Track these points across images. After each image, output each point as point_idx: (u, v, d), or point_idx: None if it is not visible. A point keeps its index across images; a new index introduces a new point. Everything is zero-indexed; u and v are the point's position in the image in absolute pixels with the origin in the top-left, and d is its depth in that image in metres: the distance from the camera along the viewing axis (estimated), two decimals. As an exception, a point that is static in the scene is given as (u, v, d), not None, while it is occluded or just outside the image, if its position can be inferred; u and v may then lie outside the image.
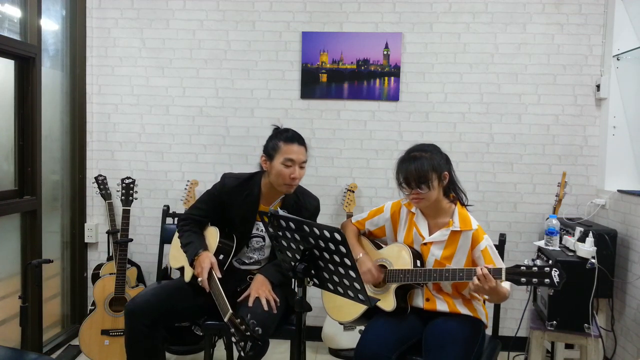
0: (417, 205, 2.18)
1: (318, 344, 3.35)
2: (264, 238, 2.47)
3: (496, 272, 1.91)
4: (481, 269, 1.91)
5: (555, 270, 1.83)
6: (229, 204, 2.43)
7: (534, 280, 1.84)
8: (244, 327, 1.81)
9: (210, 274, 2.24)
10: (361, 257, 2.23)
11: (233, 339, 1.83)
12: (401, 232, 2.27)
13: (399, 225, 2.28)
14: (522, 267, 1.87)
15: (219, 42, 3.45)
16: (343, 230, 2.39)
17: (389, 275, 2.16)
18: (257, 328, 1.85)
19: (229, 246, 2.40)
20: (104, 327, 3.02)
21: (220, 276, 2.24)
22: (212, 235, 2.44)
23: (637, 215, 2.81)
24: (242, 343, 1.80)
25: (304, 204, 2.45)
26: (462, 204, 2.21)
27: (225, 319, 1.97)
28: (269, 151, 2.36)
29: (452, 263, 2.13)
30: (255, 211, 2.43)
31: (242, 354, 1.80)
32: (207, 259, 2.27)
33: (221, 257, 2.36)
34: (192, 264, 2.33)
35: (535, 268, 1.85)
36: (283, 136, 2.35)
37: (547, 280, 1.83)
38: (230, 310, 2.00)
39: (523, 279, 1.86)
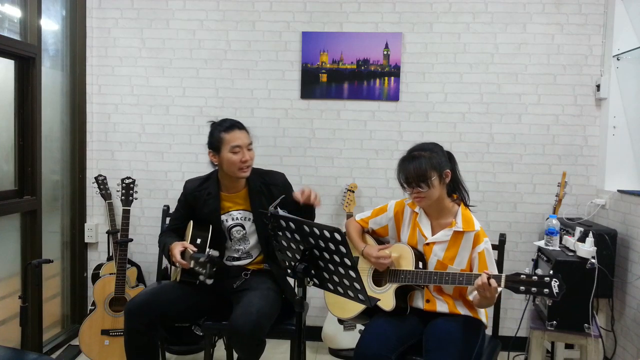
0: (419, 204, 2.18)
1: (318, 344, 3.35)
2: (243, 226, 2.48)
3: (496, 279, 1.90)
4: (481, 279, 1.90)
5: (555, 281, 1.81)
6: (196, 205, 2.50)
7: (533, 289, 1.83)
8: (202, 259, 2.10)
9: (184, 252, 2.26)
10: (365, 249, 2.25)
11: (201, 277, 2.12)
12: (405, 232, 2.27)
13: (402, 224, 2.28)
14: (522, 276, 1.86)
15: (219, 42, 3.45)
16: (347, 227, 2.42)
17: (390, 275, 2.16)
18: (208, 251, 2.13)
19: (204, 233, 2.44)
20: (104, 327, 3.02)
21: (195, 249, 2.28)
22: (188, 228, 2.51)
23: (637, 215, 2.81)
24: (204, 269, 2.09)
25: (271, 181, 2.51)
26: (465, 205, 2.21)
27: (190, 264, 2.17)
28: (214, 145, 2.42)
29: (454, 264, 2.13)
30: (218, 204, 2.47)
31: (207, 280, 2.10)
32: (177, 246, 2.30)
33: (198, 241, 2.41)
34: (167, 258, 2.37)
35: (535, 277, 1.84)
36: (222, 127, 2.41)
37: (546, 290, 1.82)
38: (192, 253, 2.21)
39: (522, 288, 1.85)
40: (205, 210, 2.47)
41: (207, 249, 2.29)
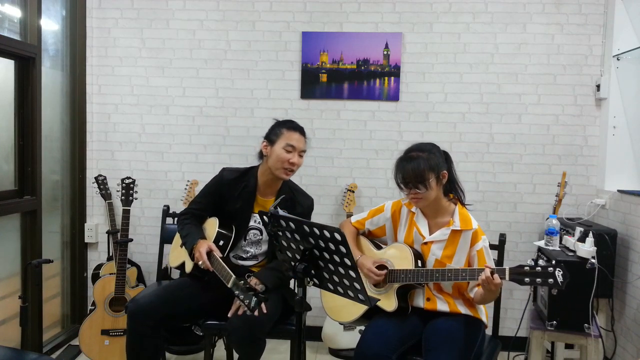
0: (416, 204, 2.18)
1: (318, 344, 3.34)
2: (261, 231, 2.48)
3: (500, 272, 1.91)
4: (484, 274, 1.90)
5: (558, 270, 1.83)
6: (227, 196, 2.47)
7: (538, 280, 1.85)
8: (247, 285, 1.98)
9: (210, 255, 2.27)
10: (360, 259, 2.23)
11: (238, 301, 2.00)
12: (401, 232, 2.27)
13: (399, 224, 2.28)
14: (525, 267, 1.88)
15: (219, 42, 3.45)
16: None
17: (390, 276, 2.16)
18: (259, 285, 2.07)
19: (228, 234, 2.43)
20: (104, 327, 3.02)
21: (221, 255, 2.28)
22: (211, 225, 2.48)
23: (637, 215, 2.81)
24: (247, 301, 1.96)
25: (298, 200, 2.49)
26: (462, 204, 2.21)
27: (230, 285, 2.09)
28: (271, 137, 2.43)
29: (452, 262, 2.14)
30: (252, 202, 2.46)
31: (248, 310, 1.96)
32: (205, 244, 2.30)
33: (221, 243, 2.40)
34: (191, 253, 2.36)
35: (539, 268, 1.85)
36: (286, 125, 2.44)
37: (550, 280, 1.83)
38: (233, 276, 2.09)
39: (527, 279, 1.86)
40: (237, 205, 2.45)
41: (248, 275, 2.25)
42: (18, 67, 2.88)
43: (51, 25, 3.30)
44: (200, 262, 2.27)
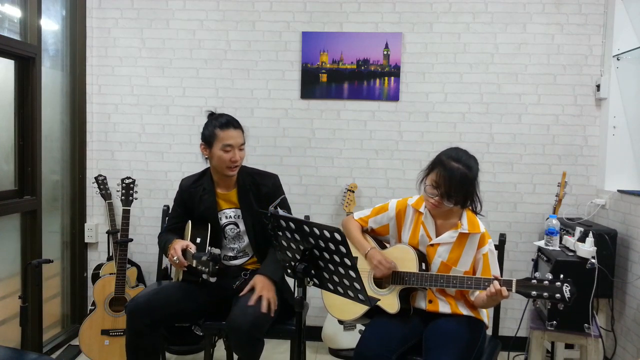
0: (430, 209, 2.16)
1: (318, 344, 3.34)
2: (236, 224, 2.49)
3: (506, 284, 1.90)
4: (494, 287, 1.89)
5: (566, 286, 1.81)
6: (192, 202, 2.50)
7: (545, 294, 1.83)
8: (204, 257, 2.14)
9: (185, 251, 2.27)
10: (370, 251, 2.20)
11: (204, 275, 2.16)
12: (406, 233, 2.24)
13: (404, 225, 2.25)
14: (533, 281, 1.86)
15: (219, 42, 3.45)
16: (346, 225, 2.36)
17: (395, 277, 2.14)
18: (209, 249, 2.16)
19: (204, 232, 2.44)
20: (104, 327, 3.02)
21: (194, 249, 2.29)
22: (187, 228, 2.50)
23: (637, 215, 2.81)
24: (206, 268, 2.13)
25: (261, 181, 2.49)
26: (474, 212, 2.18)
27: (193, 263, 2.21)
28: (207, 139, 2.41)
29: (458, 265, 2.12)
30: (214, 201, 2.47)
31: (210, 278, 2.15)
32: (177, 242, 2.31)
33: (198, 240, 2.41)
34: (167, 255, 2.38)
35: (547, 282, 1.84)
36: (218, 122, 2.39)
37: (558, 295, 1.82)
38: (194, 252, 2.24)
39: (534, 292, 1.85)
40: (201, 207, 2.48)
41: (208, 247, 2.32)
42: (18, 67, 2.88)
43: (51, 25, 3.30)
44: (175, 258, 2.28)
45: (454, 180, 2.01)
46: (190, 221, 2.50)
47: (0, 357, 1.83)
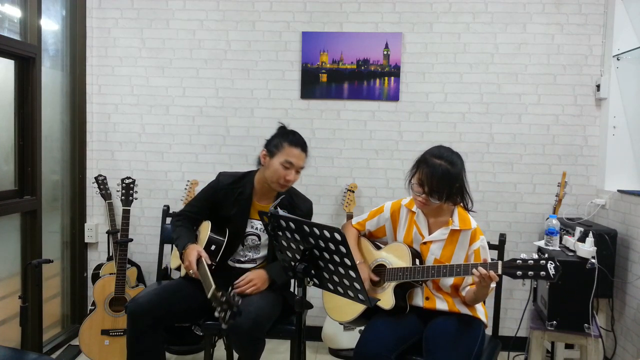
0: (419, 207, 2.18)
1: (318, 344, 3.35)
2: (259, 237, 2.47)
3: (493, 267, 1.92)
4: (479, 271, 1.91)
5: (550, 263, 1.84)
6: (223, 201, 2.46)
7: (530, 273, 1.85)
8: (224, 298, 1.85)
9: (199, 261, 2.25)
10: (357, 265, 2.22)
11: (216, 313, 1.87)
12: (401, 232, 2.27)
13: (398, 224, 2.29)
14: (517, 261, 1.89)
15: (219, 42, 3.45)
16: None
17: (387, 274, 2.16)
18: (236, 298, 1.88)
19: (220, 239, 2.41)
20: (104, 327, 3.02)
21: (209, 262, 2.26)
22: (204, 228, 2.47)
23: (637, 215, 2.81)
24: (223, 313, 1.85)
25: (297, 205, 2.46)
26: (465, 209, 2.20)
27: (209, 296, 1.98)
28: (272, 148, 2.39)
29: (451, 262, 2.14)
30: (248, 208, 2.45)
31: (223, 324, 1.84)
32: (194, 251, 2.29)
33: (212, 247, 2.38)
34: (181, 257, 2.36)
35: (531, 261, 1.87)
36: (289, 138, 2.37)
37: (542, 272, 1.84)
38: (214, 286, 2.00)
39: (519, 272, 1.87)
40: (233, 210, 2.43)
41: (230, 289, 2.23)
42: (18, 67, 2.88)
43: (51, 25, 3.30)
44: (190, 271, 2.26)
45: (436, 176, 2.04)
46: (209, 223, 2.46)
47: (0, 357, 1.83)
